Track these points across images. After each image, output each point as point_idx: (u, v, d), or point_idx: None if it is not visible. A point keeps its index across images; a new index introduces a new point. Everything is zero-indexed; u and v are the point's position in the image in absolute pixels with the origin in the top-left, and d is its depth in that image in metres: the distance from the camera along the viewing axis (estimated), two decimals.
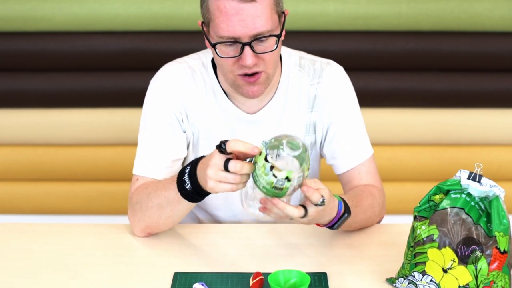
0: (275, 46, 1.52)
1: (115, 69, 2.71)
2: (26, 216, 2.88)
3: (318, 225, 1.48)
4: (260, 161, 1.30)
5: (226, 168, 1.33)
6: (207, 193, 1.44)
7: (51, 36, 2.67)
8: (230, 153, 1.34)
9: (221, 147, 1.34)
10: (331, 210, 1.43)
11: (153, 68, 1.74)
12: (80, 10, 2.62)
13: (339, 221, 1.47)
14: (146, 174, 1.64)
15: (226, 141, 1.34)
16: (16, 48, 2.67)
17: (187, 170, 1.45)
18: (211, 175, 1.35)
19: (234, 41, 1.49)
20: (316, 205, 1.35)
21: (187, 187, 1.44)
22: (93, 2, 2.62)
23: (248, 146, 1.32)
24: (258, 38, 1.49)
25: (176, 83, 1.66)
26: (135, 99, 2.49)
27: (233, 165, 1.32)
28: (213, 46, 1.51)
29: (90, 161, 2.79)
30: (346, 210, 1.48)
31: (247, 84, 1.55)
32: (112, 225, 1.69)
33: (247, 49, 1.49)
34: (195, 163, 1.44)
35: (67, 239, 1.63)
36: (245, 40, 1.49)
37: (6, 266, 1.52)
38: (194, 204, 1.50)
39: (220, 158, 1.34)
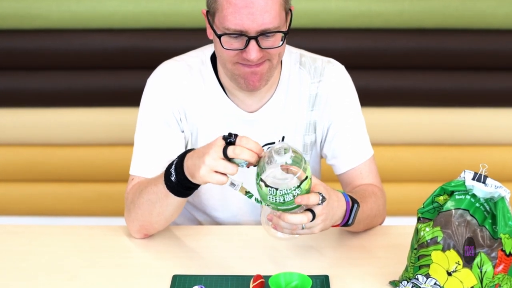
0: (281, 42, 1.52)
1: (112, 67, 2.70)
2: (22, 218, 2.88)
3: (334, 226, 1.46)
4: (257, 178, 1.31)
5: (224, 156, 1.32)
6: (194, 187, 1.43)
7: (47, 34, 2.66)
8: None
9: (229, 139, 1.33)
10: (339, 203, 1.42)
11: (152, 66, 1.73)
12: (77, 7, 2.61)
13: (352, 214, 1.45)
14: (141, 174, 1.63)
15: (236, 134, 1.33)
16: (11, 46, 2.66)
17: (174, 162, 1.44)
18: (209, 162, 1.33)
19: (240, 34, 1.48)
20: (318, 204, 1.33)
21: (172, 179, 1.43)
22: None
23: (258, 148, 1.32)
24: (264, 33, 1.48)
25: (174, 81, 1.65)
26: (133, 98, 2.47)
27: (232, 149, 1.31)
28: (219, 37, 1.50)
29: (87, 161, 2.79)
30: (354, 201, 1.47)
31: (249, 73, 1.53)
32: (110, 226, 1.68)
33: (252, 43, 1.48)
34: (183, 155, 1.43)
35: (64, 241, 1.62)
36: (252, 34, 1.48)
37: (2, 268, 1.51)
38: (183, 199, 1.49)
39: (221, 146, 1.33)
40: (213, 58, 1.66)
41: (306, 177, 1.30)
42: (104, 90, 2.70)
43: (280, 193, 1.28)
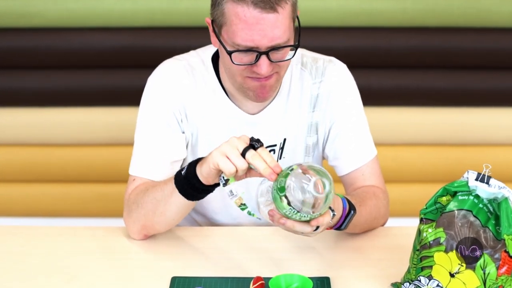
0: (291, 54, 1.52)
1: (111, 66, 2.70)
2: (20, 219, 2.87)
3: (327, 229, 1.45)
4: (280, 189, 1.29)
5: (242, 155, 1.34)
6: (199, 187, 1.42)
7: (44, 33, 2.66)
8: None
9: (254, 143, 1.34)
10: (337, 209, 1.41)
11: (150, 65, 1.72)
12: (74, 5, 2.61)
13: (346, 220, 1.46)
14: (143, 175, 1.61)
15: (262, 143, 1.35)
16: (8, 44, 2.66)
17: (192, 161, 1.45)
18: (225, 147, 1.34)
19: (250, 49, 1.47)
20: None
21: (182, 173, 1.43)
22: None
23: (275, 165, 1.32)
24: (275, 48, 1.47)
25: (175, 81, 1.64)
26: (131, 97, 2.47)
27: (252, 153, 1.32)
28: (229, 53, 1.49)
29: (86, 161, 2.78)
30: (351, 208, 1.46)
31: (258, 86, 1.52)
32: (108, 227, 1.67)
33: (263, 58, 1.47)
34: (199, 158, 1.43)
35: (62, 242, 1.61)
36: (262, 50, 1.47)
37: (1, 269, 1.51)
38: (188, 203, 1.48)
39: (244, 142, 1.35)
40: (214, 59, 1.65)
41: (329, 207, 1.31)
42: (102, 89, 2.69)
43: (299, 214, 1.28)
